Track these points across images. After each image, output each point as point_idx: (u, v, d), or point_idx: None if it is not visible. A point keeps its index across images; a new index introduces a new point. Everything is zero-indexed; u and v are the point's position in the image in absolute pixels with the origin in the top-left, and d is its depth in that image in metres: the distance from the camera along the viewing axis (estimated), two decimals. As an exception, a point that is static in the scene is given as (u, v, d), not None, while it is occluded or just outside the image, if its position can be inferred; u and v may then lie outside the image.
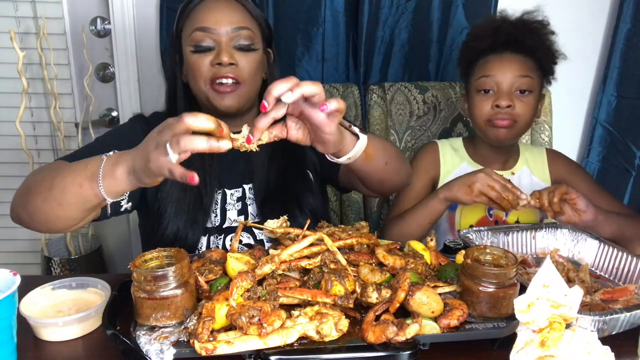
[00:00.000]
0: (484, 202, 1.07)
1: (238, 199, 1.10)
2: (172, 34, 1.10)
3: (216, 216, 1.08)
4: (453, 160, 1.33)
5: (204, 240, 1.06)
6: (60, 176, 0.79)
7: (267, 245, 1.05)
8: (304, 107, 0.75)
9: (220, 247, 1.06)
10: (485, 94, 1.20)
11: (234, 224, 1.08)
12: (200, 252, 0.94)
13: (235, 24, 1.02)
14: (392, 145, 1.06)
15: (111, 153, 0.77)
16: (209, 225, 1.07)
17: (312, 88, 0.71)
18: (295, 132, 0.79)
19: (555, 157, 1.35)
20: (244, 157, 0.91)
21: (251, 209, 1.10)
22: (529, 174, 1.31)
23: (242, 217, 1.09)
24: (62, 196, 0.78)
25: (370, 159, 0.90)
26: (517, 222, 1.27)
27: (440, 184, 1.29)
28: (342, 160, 0.85)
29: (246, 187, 1.11)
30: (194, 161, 1.01)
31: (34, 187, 0.83)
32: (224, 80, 1.01)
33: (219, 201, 1.09)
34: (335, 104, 0.73)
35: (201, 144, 0.67)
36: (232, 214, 1.09)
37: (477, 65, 1.24)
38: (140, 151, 0.72)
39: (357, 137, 0.84)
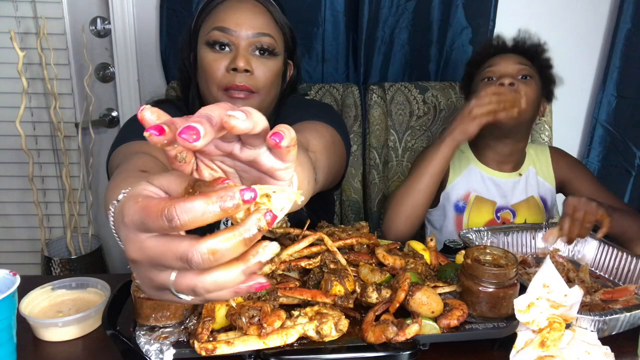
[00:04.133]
0: (491, 119, 1.07)
1: None
2: (190, 29, 1.03)
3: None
4: (460, 162, 1.31)
5: None
6: None
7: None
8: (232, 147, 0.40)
9: None
10: (489, 82, 1.21)
11: None
12: None
13: (257, 29, 0.96)
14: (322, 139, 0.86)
15: None
16: None
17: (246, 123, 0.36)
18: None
19: (558, 156, 1.35)
20: None
21: None
22: (535, 174, 1.31)
23: None
24: None
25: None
26: (525, 223, 1.26)
27: (448, 186, 1.28)
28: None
29: None
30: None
31: None
32: (236, 94, 0.96)
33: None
34: (287, 137, 0.37)
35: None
36: None
37: (480, 70, 1.25)
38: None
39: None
